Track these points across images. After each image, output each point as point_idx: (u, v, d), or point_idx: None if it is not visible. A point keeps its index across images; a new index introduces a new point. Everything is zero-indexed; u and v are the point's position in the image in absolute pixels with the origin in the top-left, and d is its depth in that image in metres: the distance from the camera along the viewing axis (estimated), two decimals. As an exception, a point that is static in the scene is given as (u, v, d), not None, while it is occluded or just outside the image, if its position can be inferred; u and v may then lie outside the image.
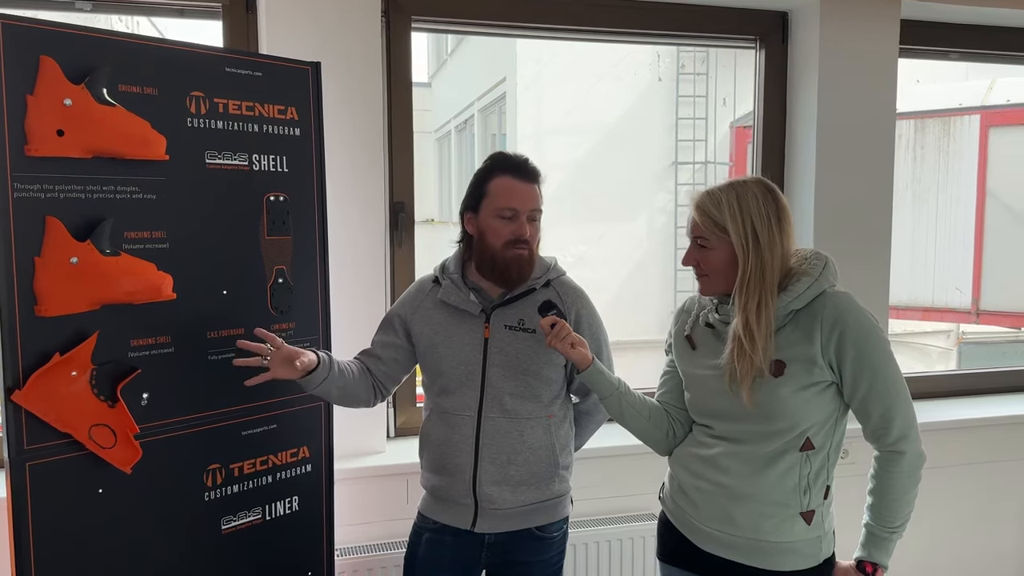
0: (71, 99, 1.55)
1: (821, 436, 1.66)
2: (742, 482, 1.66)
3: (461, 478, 1.91)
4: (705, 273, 1.70)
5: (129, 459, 1.67)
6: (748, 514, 1.66)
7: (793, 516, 1.66)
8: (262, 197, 1.87)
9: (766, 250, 1.63)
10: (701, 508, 1.72)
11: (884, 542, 1.67)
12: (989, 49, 3.20)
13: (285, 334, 1.91)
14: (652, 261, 8.07)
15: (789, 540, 1.66)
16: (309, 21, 2.33)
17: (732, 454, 1.68)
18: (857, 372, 1.61)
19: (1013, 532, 3.15)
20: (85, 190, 1.59)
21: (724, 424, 1.70)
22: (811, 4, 2.80)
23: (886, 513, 1.66)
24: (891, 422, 1.62)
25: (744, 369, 1.62)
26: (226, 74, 1.79)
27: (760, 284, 1.62)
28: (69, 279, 1.57)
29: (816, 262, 1.67)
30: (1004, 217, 6.27)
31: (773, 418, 1.63)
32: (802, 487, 1.65)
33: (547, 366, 1.92)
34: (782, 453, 1.65)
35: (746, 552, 1.68)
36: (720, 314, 1.73)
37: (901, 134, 6.21)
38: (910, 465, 1.64)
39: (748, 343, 1.61)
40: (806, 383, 1.62)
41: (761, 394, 1.63)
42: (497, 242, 1.87)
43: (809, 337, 1.62)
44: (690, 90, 8.03)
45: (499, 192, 1.88)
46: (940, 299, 6.52)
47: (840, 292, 1.66)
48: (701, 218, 1.67)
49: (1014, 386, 3.37)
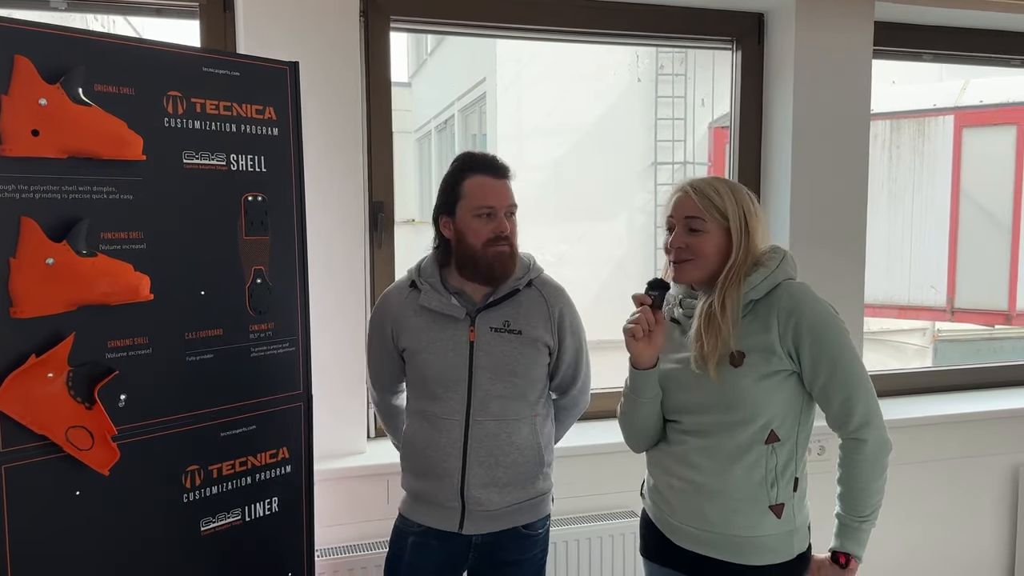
0: (46, 99, 1.54)
1: (786, 428, 1.68)
2: (712, 478, 1.68)
3: (449, 482, 1.91)
4: (689, 259, 1.70)
5: (107, 461, 1.66)
6: (720, 510, 1.68)
7: (763, 510, 1.67)
8: (240, 197, 1.86)
9: (754, 239, 1.69)
10: (675, 506, 1.74)
11: (856, 532, 1.68)
12: (962, 51, 3.24)
13: (263, 335, 1.91)
14: (632, 260, 8.11)
15: (760, 535, 1.68)
16: (287, 21, 2.32)
17: (701, 449, 1.70)
18: (816, 360, 1.64)
19: (988, 526, 3.20)
20: (61, 190, 1.58)
21: (690, 417, 1.72)
22: (786, 6, 2.83)
23: (854, 502, 1.68)
24: (852, 409, 1.65)
25: (711, 345, 1.64)
26: (203, 74, 1.78)
27: (742, 271, 1.67)
28: (45, 280, 1.55)
29: (774, 255, 1.71)
30: (978, 216, 6.36)
31: (735, 407, 1.65)
32: (769, 480, 1.67)
33: (533, 366, 1.93)
34: (748, 446, 1.66)
35: (719, 548, 1.70)
36: (684, 308, 1.76)
37: (877, 134, 6.28)
38: (873, 453, 1.65)
39: (720, 317, 1.64)
40: (766, 372, 1.65)
41: (721, 384, 1.65)
42: (477, 242, 1.88)
43: (766, 326, 1.65)
44: (669, 91, 8.08)
45: (474, 192, 1.88)
46: (916, 297, 6.60)
47: (797, 283, 1.69)
48: (701, 201, 1.68)
49: (988, 382, 3.43)
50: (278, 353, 1.94)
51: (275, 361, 1.93)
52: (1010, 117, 6.14)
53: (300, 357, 1.98)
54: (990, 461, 3.16)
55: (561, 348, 1.98)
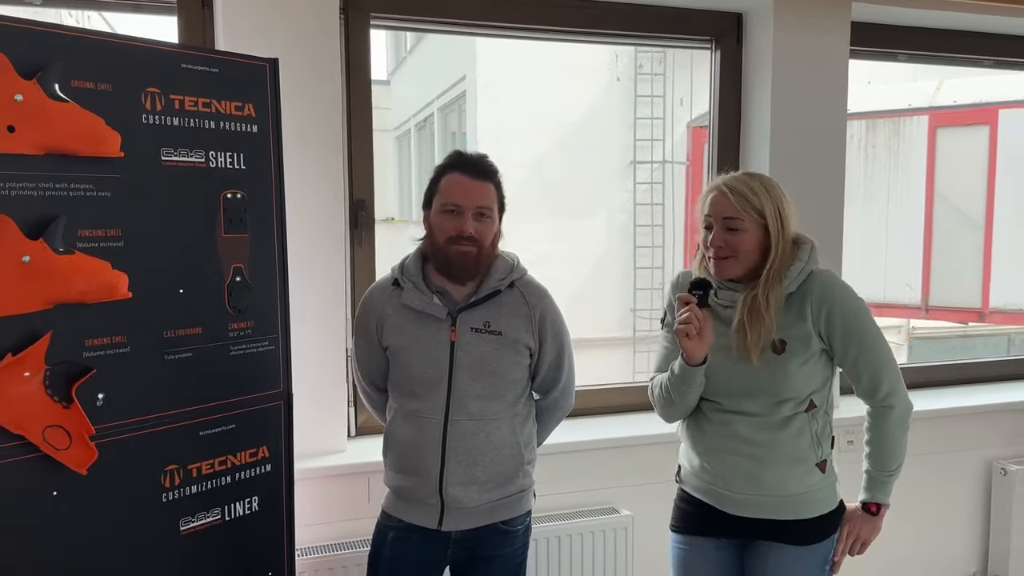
0: (22, 94, 1.51)
1: (820, 396, 1.87)
2: (766, 450, 1.85)
3: (428, 479, 1.91)
4: (730, 255, 1.81)
5: (84, 460, 1.64)
6: (776, 473, 1.85)
7: (811, 468, 1.87)
8: (219, 195, 1.84)
9: (788, 232, 1.82)
10: (730, 479, 1.89)
11: (883, 484, 1.91)
12: (936, 51, 3.29)
13: (243, 333, 1.89)
14: (612, 259, 8.13)
15: (811, 489, 1.87)
16: (266, 17, 2.31)
17: (750, 425, 1.85)
18: (846, 341, 1.82)
19: (962, 521, 3.25)
20: (37, 187, 1.56)
21: (734, 400, 1.86)
22: (765, 6, 2.85)
23: (883, 459, 1.89)
24: (880, 382, 1.85)
25: (755, 337, 1.78)
26: (182, 70, 1.77)
27: (784, 266, 1.80)
28: (21, 278, 1.53)
29: (804, 246, 1.85)
30: (952, 215, 6.45)
31: (782, 391, 1.82)
32: (815, 441, 1.87)
33: (513, 367, 1.94)
34: (791, 416, 1.84)
35: (777, 508, 1.86)
36: (720, 298, 1.86)
37: (852, 134, 6.34)
38: (899, 416, 1.87)
39: (764, 311, 1.77)
40: (806, 356, 1.82)
41: (769, 370, 1.80)
42: (441, 238, 1.89)
43: (802, 315, 1.81)
44: (648, 90, 8.10)
45: (446, 188, 1.90)
46: (891, 295, 6.68)
47: (825, 272, 1.85)
48: (738, 200, 1.79)
49: (962, 378, 3.48)
50: (258, 352, 1.93)
51: (255, 360, 1.92)
52: (983, 117, 6.23)
53: (280, 355, 1.97)
54: (964, 456, 3.21)
55: (542, 350, 1.99)
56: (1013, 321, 6.54)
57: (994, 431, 3.23)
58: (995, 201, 6.27)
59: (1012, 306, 6.31)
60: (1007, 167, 6.18)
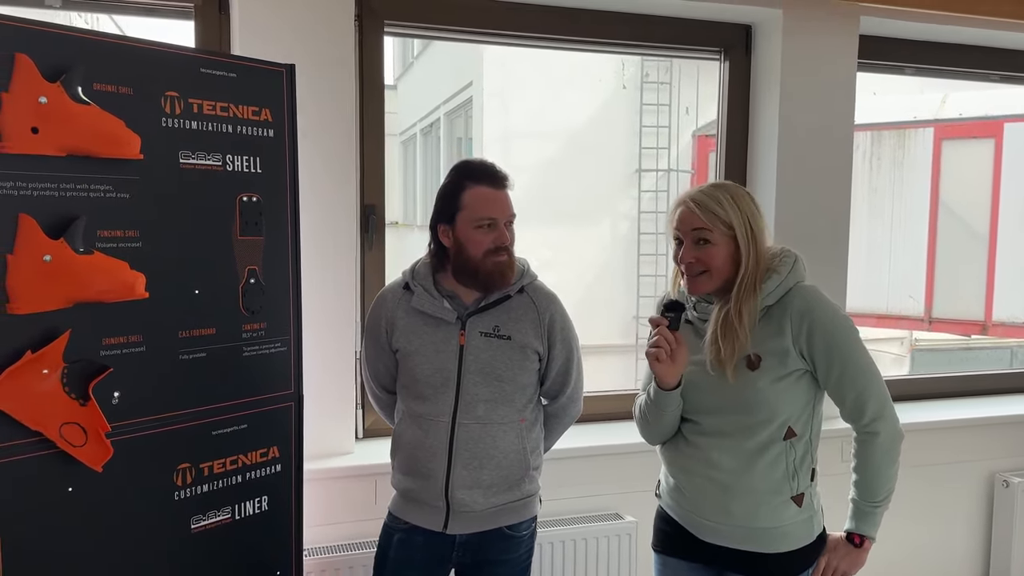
0: (46, 97, 1.54)
1: (801, 424, 1.75)
2: (735, 477, 1.75)
3: (434, 482, 1.93)
4: (703, 270, 1.74)
5: (100, 458, 1.66)
6: (744, 505, 1.75)
7: (785, 501, 1.76)
8: (235, 197, 1.87)
9: (761, 242, 1.74)
10: (699, 504, 1.80)
11: (870, 515, 1.78)
12: (942, 65, 3.31)
13: (256, 334, 1.92)
14: (616, 266, 8.14)
15: (783, 524, 1.76)
16: (282, 23, 2.34)
17: (722, 449, 1.76)
18: (829, 360, 1.71)
19: (964, 532, 3.26)
20: (59, 188, 1.58)
21: (709, 418, 1.78)
22: (774, 18, 2.88)
23: (868, 489, 1.78)
24: (865, 404, 1.73)
25: (728, 351, 1.69)
26: (201, 75, 1.80)
27: (755, 276, 1.72)
28: (42, 277, 1.56)
29: (785, 259, 1.77)
30: (956, 227, 6.46)
31: (753, 409, 1.72)
32: (790, 473, 1.75)
33: (521, 372, 1.95)
34: (768, 444, 1.73)
35: (745, 540, 1.77)
36: (698, 312, 1.80)
37: (858, 145, 6.34)
38: (885, 444, 1.74)
39: (738, 325, 1.69)
40: (781, 373, 1.71)
41: (739, 386, 1.71)
42: (478, 252, 1.89)
43: (780, 330, 1.71)
44: (654, 99, 8.12)
45: (476, 203, 1.89)
46: (894, 306, 6.70)
47: (808, 286, 1.75)
48: (705, 214, 1.72)
49: (965, 391, 3.49)
50: (270, 353, 1.95)
51: (267, 361, 1.95)
52: (988, 130, 6.25)
53: (292, 357, 1.99)
54: (966, 468, 3.22)
55: (551, 355, 2.00)
56: (1016, 334, 6.55)
57: (996, 443, 3.24)
58: (999, 214, 6.28)
59: (1015, 319, 6.32)
60: (1012, 180, 6.20)
